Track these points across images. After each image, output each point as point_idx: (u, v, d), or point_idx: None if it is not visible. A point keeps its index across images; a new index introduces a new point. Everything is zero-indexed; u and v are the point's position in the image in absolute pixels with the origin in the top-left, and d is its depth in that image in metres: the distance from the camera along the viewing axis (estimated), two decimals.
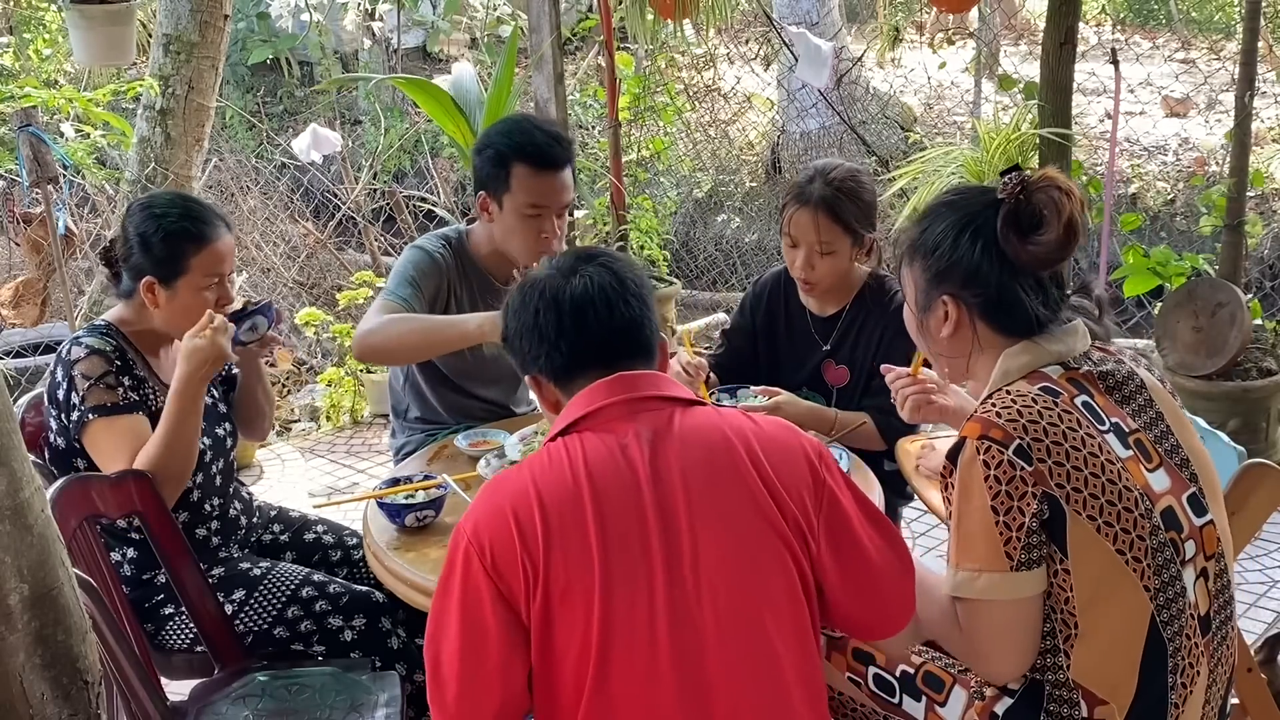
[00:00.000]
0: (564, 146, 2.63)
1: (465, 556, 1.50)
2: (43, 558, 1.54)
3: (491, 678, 1.48)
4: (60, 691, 1.56)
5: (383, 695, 2.17)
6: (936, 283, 1.77)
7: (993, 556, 1.60)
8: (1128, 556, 1.60)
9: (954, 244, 1.73)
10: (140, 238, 2.33)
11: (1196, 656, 1.67)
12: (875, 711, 1.88)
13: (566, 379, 1.63)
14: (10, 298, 4.54)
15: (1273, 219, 6.39)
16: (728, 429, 1.58)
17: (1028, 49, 8.43)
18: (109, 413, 2.25)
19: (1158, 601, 1.62)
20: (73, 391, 2.26)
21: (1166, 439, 1.71)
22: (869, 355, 2.65)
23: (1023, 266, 1.70)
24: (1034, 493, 1.59)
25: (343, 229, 6.62)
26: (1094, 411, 1.66)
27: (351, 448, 4.80)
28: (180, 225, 2.32)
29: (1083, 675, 1.63)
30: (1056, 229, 1.66)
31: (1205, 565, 1.69)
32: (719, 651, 1.49)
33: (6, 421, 1.49)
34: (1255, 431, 4.08)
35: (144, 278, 2.32)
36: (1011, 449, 1.60)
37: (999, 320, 1.74)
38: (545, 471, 1.53)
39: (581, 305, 1.61)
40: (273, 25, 8.65)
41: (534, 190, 2.58)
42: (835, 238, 2.57)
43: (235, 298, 2.42)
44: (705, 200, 7.92)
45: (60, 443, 2.31)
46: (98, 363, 2.27)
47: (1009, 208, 1.69)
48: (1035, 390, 1.66)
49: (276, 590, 2.36)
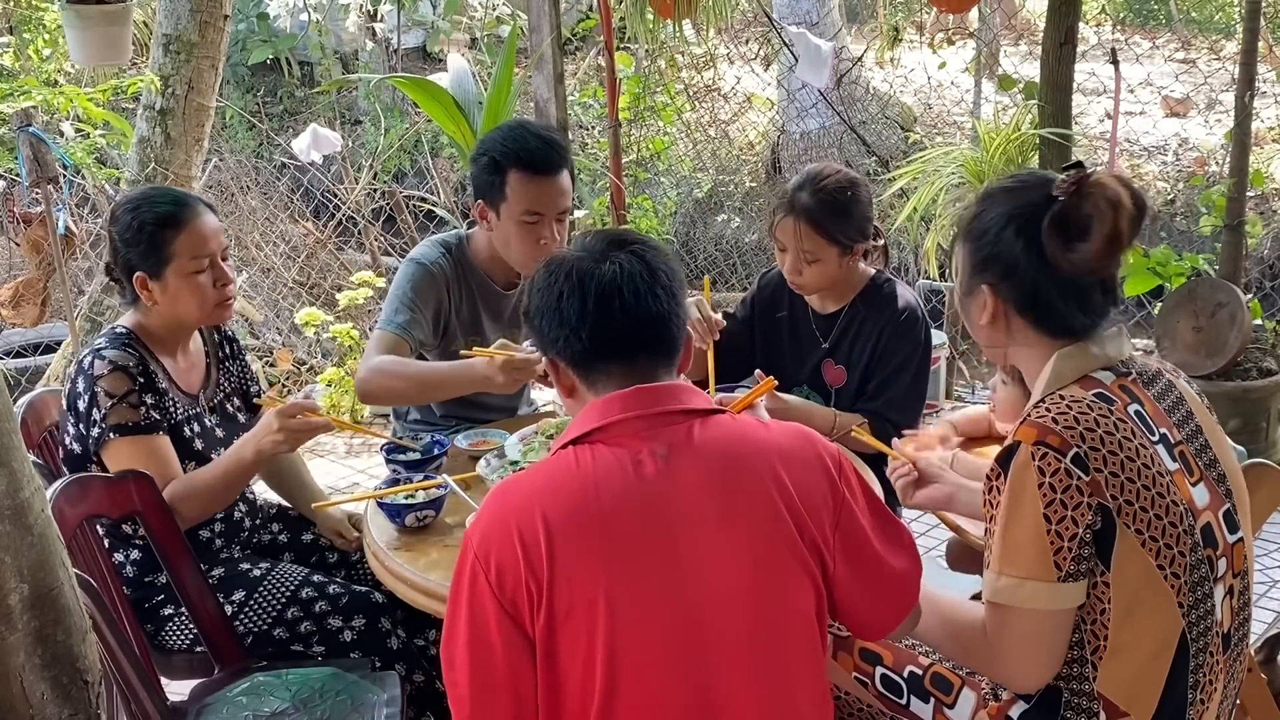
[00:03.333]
0: (559, 151, 2.59)
1: (472, 572, 1.48)
2: (43, 558, 1.54)
3: (501, 689, 1.48)
4: (60, 691, 1.56)
5: (383, 695, 2.17)
6: (979, 270, 1.72)
7: (1040, 566, 1.56)
8: (1167, 572, 1.57)
9: (999, 234, 1.68)
10: (121, 236, 2.34)
11: (1216, 673, 1.66)
12: (882, 712, 1.87)
13: (584, 367, 1.58)
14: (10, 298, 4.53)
15: (1273, 219, 6.39)
16: (748, 443, 1.53)
17: (1028, 49, 8.43)
18: (130, 432, 2.25)
19: (1189, 619, 1.60)
20: (94, 407, 2.25)
21: (1206, 453, 1.69)
22: (866, 356, 2.64)
23: (1060, 270, 1.64)
24: (1089, 503, 1.55)
25: (343, 229, 6.61)
26: (1145, 421, 1.63)
27: (351, 448, 4.80)
28: (154, 213, 2.33)
29: (1108, 688, 1.61)
30: (1098, 240, 1.59)
31: (1233, 583, 1.67)
32: (730, 674, 1.47)
33: (6, 421, 1.49)
34: (1255, 431, 4.09)
35: (135, 275, 2.33)
36: (1069, 457, 1.56)
37: (1035, 316, 1.69)
38: (554, 486, 1.50)
39: (608, 293, 1.54)
40: (273, 25, 8.65)
41: (529, 197, 2.56)
42: (818, 248, 2.55)
43: (234, 279, 2.42)
44: (705, 200, 7.92)
45: (76, 449, 2.31)
46: (121, 380, 2.26)
47: (1059, 208, 1.63)
48: (1090, 396, 1.61)
49: (276, 591, 2.36)
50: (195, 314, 2.37)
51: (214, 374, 2.52)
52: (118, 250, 2.35)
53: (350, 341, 5.03)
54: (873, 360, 2.63)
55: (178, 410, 2.36)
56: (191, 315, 2.37)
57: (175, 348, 2.43)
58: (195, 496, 2.27)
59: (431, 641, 2.50)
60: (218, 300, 2.37)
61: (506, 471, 2.28)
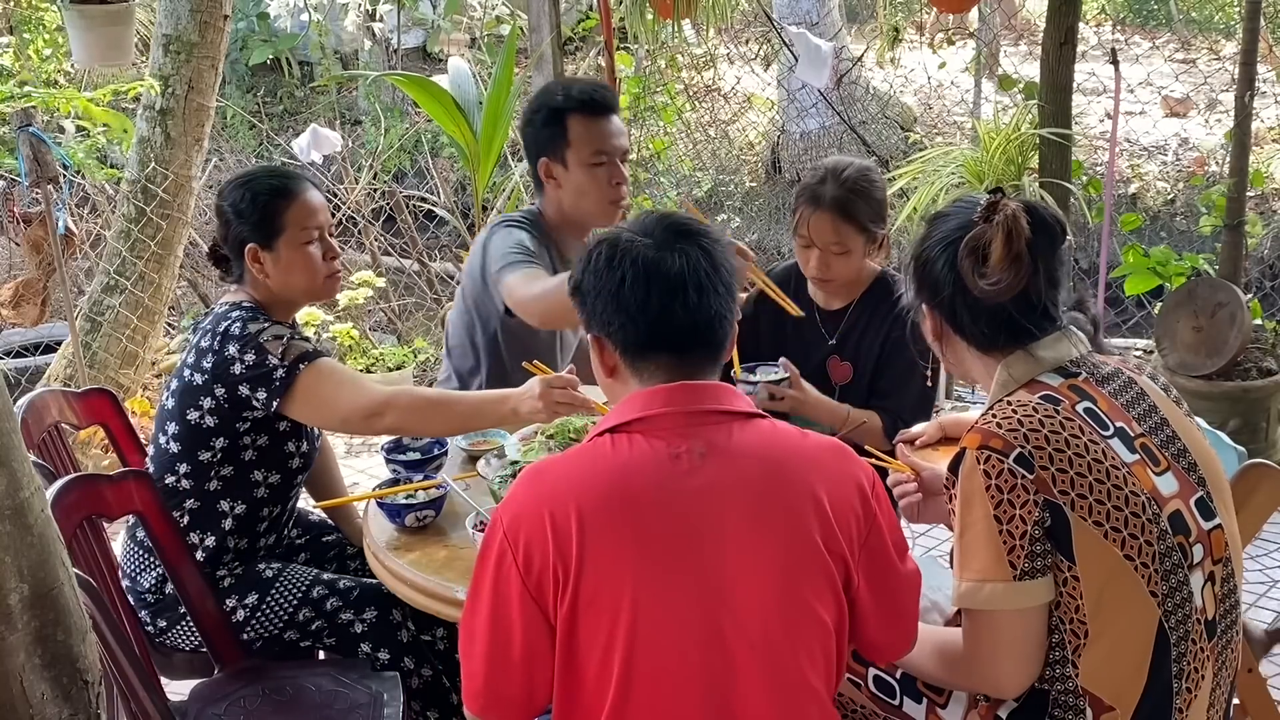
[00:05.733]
0: (610, 93, 2.66)
1: (500, 551, 1.48)
2: (43, 558, 1.54)
3: (516, 670, 1.49)
4: (60, 691, 1.56)
5: (383, 696, 2.17)
6: (918, 291, 1.79)
7: (995, 566, 1.59)
8: (1136, 562, 1.60)
9: (934, 258, 1.74)
10: (234, 208, 2.36)
11: (1202, 661, 1.66)
12: (875, 713, 1.88)
13: (636, 354, 1.56)
14: (10, 298, 4.53)
15: (1273, 219, 6.39)
16: (785, 451, 1.53)
17: (1028, 49, 8.43)
18: (314, 358, 2.25)
19: (1165, 607, 1.61)
20: (267, 355, 2.23)
21: (1173, 443, 1.71)
22: (873, 353, 2.65)
23: (971, 291, 1.69)
24: (1036, 500, 1.58)
25: (343, 229, 6.61)
26: (1097, 417, 1.65)
27: (351, 447, 4.80)
28: (267, 184, 2.36)
29: (1090, 680, 1.62)
30: (997, 263, 1.65)
31: (1213, 569, 1.68)
32: (749, 679, 1.46)
33: (6, 421, 1.49)
34: (1255, 431, 4.09)
35: (247, 247, 2.34)
36: (1012, 457, 1.59)
37: (969, 334, 1.75)
38: (589, 472, 1.50)
39: (674, 287, 1.53)
40: (273, 25, 8.65)
41: (595, 137, 2.61)
42: (849, 238, 2.57)
43: (340, 254, 2.44)
44: (705, 200, 7.92)
45: (259, 401, 2.24)
46: (279, 326, 2.30)
47: (973, 233, 1.68)
48: (1035, 399, 1.65)
49: (288, 594, 2.37)
50: (307, 285, 2.39)
51: None
52: (230, 224, 2.36)
53: (350, 341, 5.02)
54: (880, 357, 2.64)
55: None
56: (303, 287, 2.39)
57: (286, 320, 2.43)
58: (435, 408, 2.29)
59: (439, 638, 2.51)
60: (328, 272, 2.40)
61: (507, 472, 2.28)
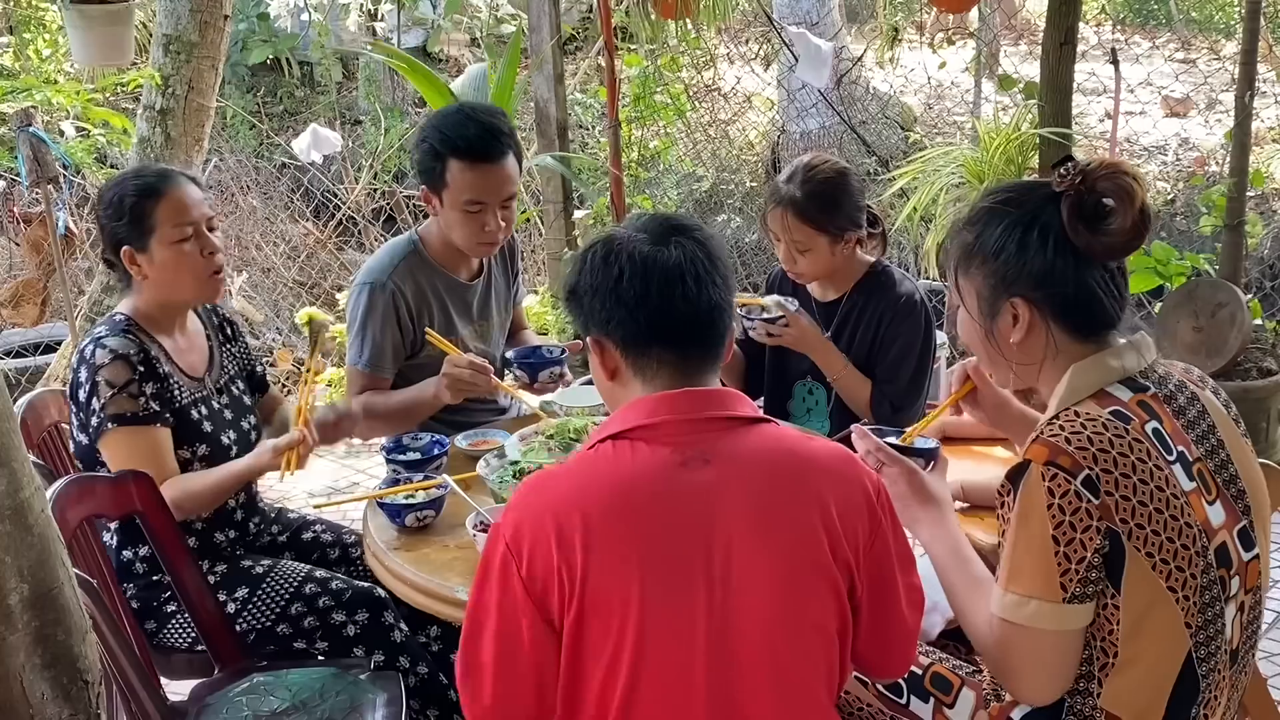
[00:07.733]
0: (500, 138, 2.55)
1: (503, 561, 1.47)
2: (43, 558, 1.54)
3: (526, 680, 1.48)
4: (60, 691, 1.56)
5: (382, 695, 2.17)
6: (1004, 287, 1.68)
7: (1046, 586, 1.56)
8: (1178, 595, 1.56)
9: (1020, 245, 1.66)
10: (106, 212, 2.36)
11: (1221, 689, 1.65)
12: (882, 712, 1.87)
13: (637, 350, 1.55)
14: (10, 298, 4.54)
15: (1273, 219, 6.38)
16: (792, 457, 1.52)
17: (1028, 49, 8.43)
18: (129, 423, 2.25)
19: (1197, 638, 1.59)
20: (94, 396, 2.26)
21: (1226, 469, 1.67)
22: (867, 344, 2.66)
23: (1095, 257, 1.64)
24: (1098, 527, 1.54)
25: (343, 229, 6.62)
26: (1163, 440, 1.60)
27: (351, 448, 4.80)
28: (134, 185, 2.36)
29: (1111, 702, 1.61)
30: (1129, 215, 1.61)
31: (1244, 599, 1.66)
32: (753, 686, 1.46)
33: (6, 421, 1.49)
34: (1255, 431, 4.08)
35: (122, 249, 2.34)
36: (1079, 479, 1.54)
37: (1076, 319, 1.67)
38: (593, 480, 1.49)
39: (672, 278, 1.52)
40: (273, 25, 8.64)
41: (471, 186, 2.54)
42: (808, 237, 2.57)
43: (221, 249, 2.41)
44: (705, 200, 7.91)
45: (83, 439, 2.33)
46: (121, 370, 2.26)
47: (1072, 200, 1.63)
48: (1106, 415, 1.59)
49: (280, 587, 2.36)
50: (188, 286, 2.37)
51: (217, 356, 2.52)
52: (105, 227, 2.37)
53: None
54: (874, 347, 2.65)
55: (182, 394, 2.36)
56: (184, 288, 2.37)
57: (172, 328, 2.43)
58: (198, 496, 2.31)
59: (433, 638, 2.50)
60: (209, 270, 2.37)
61: (506, 471, 2.28)
